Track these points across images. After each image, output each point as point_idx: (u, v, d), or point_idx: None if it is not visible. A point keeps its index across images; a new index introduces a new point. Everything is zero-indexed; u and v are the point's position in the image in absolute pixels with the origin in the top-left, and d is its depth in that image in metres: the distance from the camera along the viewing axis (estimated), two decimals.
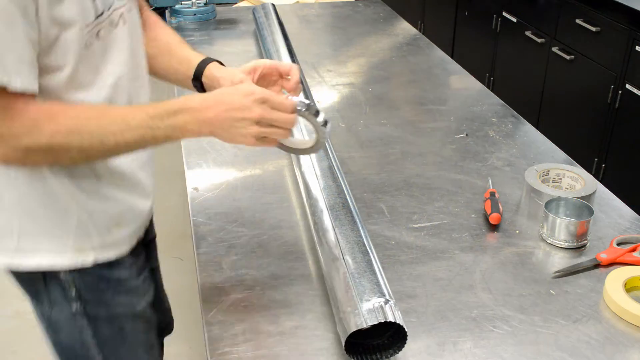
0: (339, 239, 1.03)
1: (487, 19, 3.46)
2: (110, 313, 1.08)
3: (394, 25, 2.44)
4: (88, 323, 1.07)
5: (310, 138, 1.00)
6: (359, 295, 0.91)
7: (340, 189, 1.16)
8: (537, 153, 1.51)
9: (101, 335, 1.08)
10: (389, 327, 0.93)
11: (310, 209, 1.16)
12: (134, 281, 1.10)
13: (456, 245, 1.19)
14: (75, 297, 1.04)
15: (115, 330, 1.09)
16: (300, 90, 1.07)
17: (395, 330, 0.93)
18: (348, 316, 0.90)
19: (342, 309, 0.92)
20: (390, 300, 0.91)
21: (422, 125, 1.64)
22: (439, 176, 1.41)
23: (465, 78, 1.96)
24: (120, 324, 1.10)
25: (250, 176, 1.41)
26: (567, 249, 1.18)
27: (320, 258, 1.06)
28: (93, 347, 1.09)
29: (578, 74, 2.81)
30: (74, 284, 1.03)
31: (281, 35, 1.93)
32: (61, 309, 1.05)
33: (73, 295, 1.04)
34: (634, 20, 2.46)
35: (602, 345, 0.97)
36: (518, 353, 0.95)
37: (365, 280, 0.94)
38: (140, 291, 1.12)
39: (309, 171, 1.23)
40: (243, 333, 0.98)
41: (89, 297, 1.05)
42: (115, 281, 1.07)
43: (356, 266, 0.97)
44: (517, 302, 1.05)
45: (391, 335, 0.94)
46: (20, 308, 2.39)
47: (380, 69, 2.02)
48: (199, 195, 1.33)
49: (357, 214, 1.11)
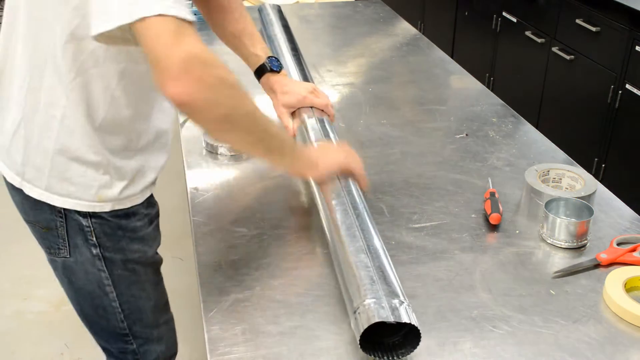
0: (364, 236, 1.03)
1: (487, 19, 3.46)
2: (125, 258, 1.20)
3: (394, 25, 2.44)
4: (105, 266, 1.19)
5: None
6: (384, 290, 0.92)
7: (356, 192, 1.17)
8: (537, 153, 1.51)
9: (116, 276, 1.20)
10: (400, 328, 0.93)
11: (324, 205, 1.16)
12: (146, 230, 1.21)
13: (456, 245, 1.19)
14: (95, 243, 1.16)
15: (128, 273, 1.22)
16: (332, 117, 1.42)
17: (405, 333, 0.93)
18: (372, 307, 0.89)
19: (366, 300, 0.91)
20: (404, 301, 0.92)
21: (422, 125, 1.64)
22: (439, 176, 1.41)
23: (465, 78, 1.96)
24: (133, 267, 1.22)
25: (250, 176, 1.41)
26: (567, 249, 1.18)
27: (339, 253, 1.04)
28: (108, 286, 1.21)
29: (578, 74, 2.81)
30: (94, 231, 1.15)
31: (286, 38, 1.93)
32: (81, 252, 1.17)
33: (94, 241, 1.16)
34: (634, 20, 2.46)
35: (602, 345, 0.97)
36: (518, 353, 0.95)
37: (389, 280, 0.94)
38: (151, 239, 1.24)
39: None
40: (243, 333, 0.98)
41: (108, 244, 1.17)
42: (131, 230, 1.18)
43: (379, 264, 0.97)
44: (517, 302, 1.05)
45: (401, 337, 0.93)
46: (20, 308, 2.39)
47: (380, 69, 2.02)
48: (199, 195, 1.33)
49: (371, 218, 1.11)
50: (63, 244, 1.16)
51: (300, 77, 1.62)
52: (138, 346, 1.31)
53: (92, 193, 1.11)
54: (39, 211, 1.14)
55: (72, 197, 1.11)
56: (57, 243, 1.16)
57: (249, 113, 1.00)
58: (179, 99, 0.89)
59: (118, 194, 1.13)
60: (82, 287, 1.21)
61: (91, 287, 1.21)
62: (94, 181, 1.10)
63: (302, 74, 1.65)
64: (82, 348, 2.20)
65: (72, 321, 2.16)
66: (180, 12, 0.87)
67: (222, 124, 0.96)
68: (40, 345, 2.22)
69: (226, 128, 0.98)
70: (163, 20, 0.86)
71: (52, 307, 2.39)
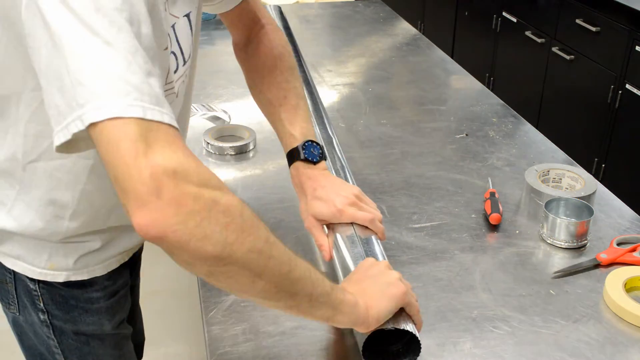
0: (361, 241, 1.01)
1: (487, 19, 3.46)
2: (76, 329, 1.05)
3: (394, 25, 2.44)
4: (54, 334, 1.05)
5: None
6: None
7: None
8: (537, 153, 1.51)
9: (66, 345, 1.06)
10: (402, 336, 0.92)
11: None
12: (105, 302, 1.05)
13: (456, 245, 1.19)
14: (43, 309, 1.02)
15: (80, 344, 1.07)
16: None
17: (407, 341, 0.92)
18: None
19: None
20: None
21: (422, 125, 1.64)
22: (439, 176, 1.41)
23: (465, 78, 1.96)
24: (86, 339, 1.07)
25: (250, 176, 1.41)
26: (567, 249, 1.18)
27: (337, 259, 1.03)
28: (58, 355, 1.07)
29: (578, 74, 2.81)
30: (42, 297, 1.01)
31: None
32: (30, 313, 1.03)
33: (42, 307, 1.02)
34: (634, 20, 2.46)
35: (602, 345, 0.97)
36: (518, 353, 0.95)
37: None
38: (111, 312, 1.07)
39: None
40: (243, 333, 0.98)
41: (57, 312, 1.03)
42: (85, 301, 1.03)
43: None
44: (517, 302, 1.05)
45: (404, 345, 0.93)
46: None
47: (380, 69, 2.02)
48: None
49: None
50: (13, 300, 1.04)
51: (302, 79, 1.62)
52: None
53: (43, 259, 0.97)
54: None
55: (21, 261, 0.98)
56: (7, 297, 1.04)
57: (255, 249, 0.70)
58: (149, 233, 0.63)
59: (73, 264, 0.98)
60: (31, 346, 1.09)
61: (41, 349, 1.08)
62: (45, 248, 0.96)
63: (302, 76, 1.65)
64: None
65: None
66: (148, 110, 0.64)
67: (215, 266, 0.67)
68: None
69: (222, 272, 0.68)
70: (122, 123, 0.62)
71: None
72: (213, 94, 1.79)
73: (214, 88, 1.82)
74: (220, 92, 1.80)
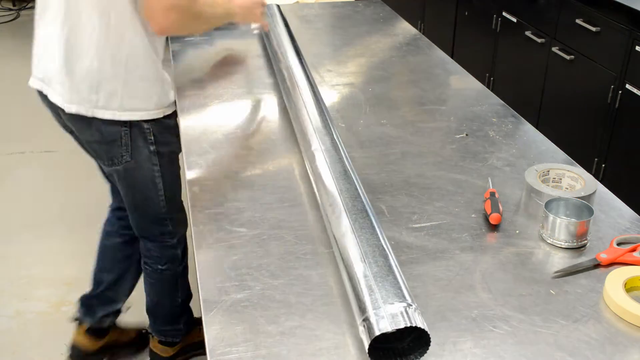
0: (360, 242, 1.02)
1: (487, 19, 3.46)
2: (169, 150, 1.65)
3: (394, 25, 2.44)
4: (158, 158, 1.62)
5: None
6: (383, 298, 0.90)
7: (357, 192, 1.16)
8: (537, 153, 1.51)
9: (164, 168, 1.64)
10: (410, 332, 0.92)
11: (325, 210, 1.15)
12: (177, 128, 1.64)
13: (456, 245, 1.19)
14: (152, 141, 1.60)
15: (170, 163, 1.66)
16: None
17: (416, 337, 0.92)
18: (372, 319, 0.89)
19: (367, 312, 0.91)
20: (412, 304, 0.91)
21: (422, 125, 1.64)
22: (439, 176, 1.41)
23: (465, 78, 1.96)
24: (172, 157, 1.67)
25: (250, 176, 1.41)
26: (567, 249, 1.18)
27: (339, 259, 1.04)
28: (157, 178, 1.65)
29: (578, 74, 2.81)
30: (151, 131, 1.59)
31: (288, 37, 1.93)
32: (141, 152, 1.59)
33: (152, 139, 1.59)
34: (634, 20, 2.46)
35: (602, 345, 0.97)
36: (518, 353, 0.95)
37: (389, 284, 0.93)
38: (178, 136, 1.62)
39: (324, 173, 1.23)
40: (243, 333, 0.98)
41: (160, 139, 1.61)
42: (171, 127, 1.64)
43: (378, 270, 0.96)
44: (517, 302, 1.05)
45: (411, 341, 0.93)
46: (20, 308, 2.39)
47: (380, 69, 2.02)
48: (199, 195, 1.33)
49: (375, 217, 1.10)
50: (126, 150, 1.57)
51: (304, 78, 1.63)
52: (172, 227, 1.76)
53: (153, 103, 1.55)
54: (106, 132, 1.54)
55: (139, 111, 1.53)
56: (120, 152, 1.57)
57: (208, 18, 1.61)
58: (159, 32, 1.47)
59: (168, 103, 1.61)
60: (138, 183, 1.64)
61: (145, 182, 1.64)
62: (154, 94, 1.55)
63: (305, 74, 1.65)
64: None
65: (72, 321, 2.16)
66: None
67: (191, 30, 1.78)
68: (40, 345, 2.22)
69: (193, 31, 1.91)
70: None
71: (52, 307, 2.39)
72: (213, 94, 1.79)
73: (213, 88, 1.82)
74: (220, 92, 1.80)
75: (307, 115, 1.44)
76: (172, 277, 1.85)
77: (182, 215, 1.79)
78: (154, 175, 1.64)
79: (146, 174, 1.63)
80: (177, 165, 1.70)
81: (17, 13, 5.62)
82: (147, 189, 1.65)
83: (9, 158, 3.43)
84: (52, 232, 2.81)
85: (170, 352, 2.01)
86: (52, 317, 2.34)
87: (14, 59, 4.69)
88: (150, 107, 1.55)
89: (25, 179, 3.25)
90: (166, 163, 1.65)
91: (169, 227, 1.76)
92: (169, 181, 1.68)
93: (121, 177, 1.64)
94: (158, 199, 1.68)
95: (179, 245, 1.82)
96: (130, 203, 1.71)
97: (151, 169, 1.62)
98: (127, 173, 1.62)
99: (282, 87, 1.70)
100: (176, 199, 1.74)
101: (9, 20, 5.51)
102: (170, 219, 1.75)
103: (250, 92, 1.81)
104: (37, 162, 3.40)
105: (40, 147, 3.50)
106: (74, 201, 3.02)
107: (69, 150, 3.48)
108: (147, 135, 1.58)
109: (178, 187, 1.73)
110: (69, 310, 2.33)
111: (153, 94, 1.55)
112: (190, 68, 1.97)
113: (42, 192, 3.12)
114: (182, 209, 1.78)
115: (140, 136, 1.57)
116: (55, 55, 1.50)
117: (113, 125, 1.53)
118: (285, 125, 1.62)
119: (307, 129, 1.39)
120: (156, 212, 1.71)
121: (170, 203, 1.71)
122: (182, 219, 1.79)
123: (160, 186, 1.66)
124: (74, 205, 2.99)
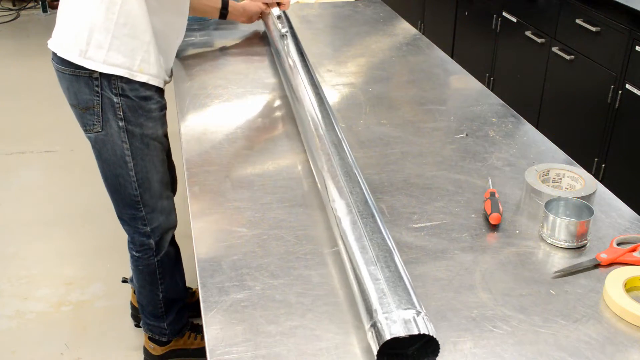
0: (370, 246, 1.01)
1: (487, 19, 3.46)
2: (142, 132, 1.65)
3: (394, 25, 2.44)
4: (127, 138, 1.64)
5: None
6: (395, 303, 0.90)
7: (365, 196, 1.15)
8: (537, 153, 1.51)
9: (134, 147, 1.66)
10: (417, 340, 0.92)
11: (334, 213, 1.14)
12: (158, 113, 1.68)
13: (456, 245, 1.19)
14: (122, 117, 1.61)
15: (143, 146, 1.67)
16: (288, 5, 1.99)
17: (423, 344, 0.92)
18: (384, 324, 0.88)
19: (377, 316, 0.90)
20: (421, 311, 0.90)
21: (422, 125, 1.65)
22: (439, 176, 1.41)
23: (465, 78, 1.96)
24: (147, 141, 1.67)
25: (250, 176, 1.41)
26: (567, 249, 1.18)
27: (348, 263, 1.04)
28: (127, 157, 1.66)
29: (578, 74, 2.81)
30: (122, 107, 1.60)
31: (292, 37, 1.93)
32: (111, 125, 1.62)
33: (122, 116, 1.61)
34: (634, 20, 2.46)
35: (602, 345, 0.97)
36: (518, 353, 0.95)
37: (401, 290, 0.93)
38: (160, 122, 1.70)
39: (332, 174, 1.22)
40: (243, 333, 0.98)
41: (131, 119, 1.62)
42: (147, 111, 1.64)
43: (391, 275, 0.96)
44: (517, 302, 1.05)
45: (417, 349, 0.92)
46: (20, 308, 2.39)
47: (380, 69, 2.02)
48: (199, 195, 1.33)
49: (382, 222, 1.09)
50: (97, 120, 1.61)
51: (306, 77, 1.62)
52: (146, 213, 1.76)
53: (136, 64, 1.58)
54: (81, 94, 1.59)
55: (121, 67, 1.56)
56: (92, 120, 1.61)
57: None
58: None
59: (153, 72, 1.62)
60: (108, 157, 1.66)
61: (115, 158, 1.66)
62: (138, 54, 1.58)
63: (308, 75, 1.65)
64: (82, 348, 2.20)
65: (72, 321, 2.17)
66: None
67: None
68: (40, 345, 2.22)
69: None
70: None
71: (52, 307, 2.39)
72: (213, 94, 1.79)
73: (213, 88, 1.82)
74: (220, 92, 1.80)
75: (315, 115, 1.43)
76: (147, 267, 1.86)
77: (161, 204, 1.78)
78: (124, 153, 1.65)
79: (116, 150, 1.65)
80: (155, 152, 1.71)
81: (17, 13, 5.63)
82: (118, 165, 1.67)
83: (9, 158, 3.43)
84: (52, 232, 2.81)
85: (159, 351, 2.03)
86: (52, 317, 2.34)
87: (14, 59, 4.69)
88: (133, 66, 1.58)
89: (25, 179, 3.25)
90: (139, 144, 1.66)
91: (142, 212, 1.76)
92: (142, 164, 1.68)
93: (93, 146, 1.67)
94: (130, 179, 1.69)
95: (152, 235, 1.81)
96: (104, 178, 1.73)
97: (120, 145, 1.64)
98: (97, 144, 1.65)
99: (286, 86, 1.70)
100: (152, 185, 1.73)
101: (9, 20, 5.52)
102: (144, 205, 1.75)
103: (251, 92, 1.81)
104: (37, 162, 3.40)
105: (40, 147, 3.50)
106: (74, 201, 3.02)
107: (69, 150, 3.50)
108: (117, 110, 1.60)
109: (155, 173, 1.72)
110: (69, 310, 2.33)
111: (137, 54, 1.58)
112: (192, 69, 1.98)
113: (42, 192, 3.12)
114: (162, 199, 1.78)
115: (110, 109, 1.60)
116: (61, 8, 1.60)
117: (85, 90, 1.58)
118: (285, 125, 1.62)
119: (316, 130, 1.38)
120: (129, 193, 1.72)
121: (143, 187, 1.72)
122: (160, 209, 1.79)
123: (131, 166, 1.67)
124: (74, 205, 2.99)
